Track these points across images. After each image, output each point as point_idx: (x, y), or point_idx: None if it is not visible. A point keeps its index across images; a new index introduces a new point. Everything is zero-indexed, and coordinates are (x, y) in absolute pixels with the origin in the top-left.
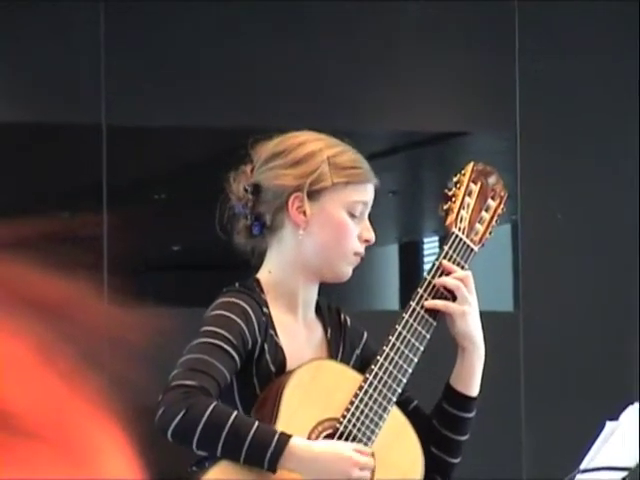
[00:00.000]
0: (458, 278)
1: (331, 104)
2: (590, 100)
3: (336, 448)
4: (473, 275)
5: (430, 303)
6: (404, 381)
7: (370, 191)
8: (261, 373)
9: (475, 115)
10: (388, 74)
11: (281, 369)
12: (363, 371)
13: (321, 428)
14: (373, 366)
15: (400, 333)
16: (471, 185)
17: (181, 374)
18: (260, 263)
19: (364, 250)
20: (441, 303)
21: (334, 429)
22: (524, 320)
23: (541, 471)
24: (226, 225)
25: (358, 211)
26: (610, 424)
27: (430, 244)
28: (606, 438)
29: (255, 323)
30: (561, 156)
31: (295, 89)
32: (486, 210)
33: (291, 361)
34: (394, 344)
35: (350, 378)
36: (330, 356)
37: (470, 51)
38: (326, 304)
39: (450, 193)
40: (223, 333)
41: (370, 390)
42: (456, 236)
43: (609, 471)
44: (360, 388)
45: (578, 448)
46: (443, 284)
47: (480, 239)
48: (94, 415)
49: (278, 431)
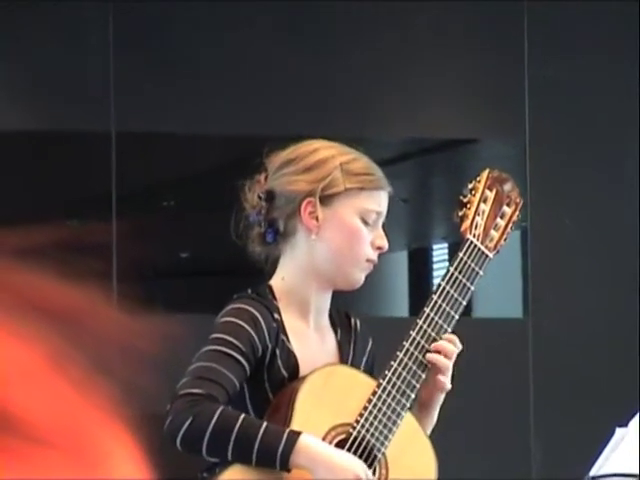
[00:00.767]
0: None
1: (342, 111)
2: (599, 107)
3: (350, 457)
4: (482, 281)
5: (431, 357)
6: (417, 387)
7: (384, 199)
8: (273, 379)
9: (485, 122)
10: (398, 82)
11: (294, 374)
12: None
13: (334, 433)
14: (387, 372)
15: (414, 339)
16: (486, 192)
17: (189, 383)
18: (273, 270)
19: (377, 258)
20: (437, 358)
21: (347, 434)
22: (533, 327)
23: (550, 478)
24: (241, 234)
25: (371, 219)
26: (619, 431)
27: (439, 251)
28: (615, 445)
29: (265, 329)
30: (570, 162)
31: (306, 97)
32: (501, 217)
33: (303, 366)
34: (408, 349)
35: (363, 383)
36: (341, 360)
37: (479, 58)
38: (335, 309)
39: (465, 200)
40: (232, 340)
41: (384, 396)
42: (471, 242)
43: (618, 478)
44: (374, 394)
45: (587, 455)
46: (435, 361)
47: (495, 245)
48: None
49: (288, 429)
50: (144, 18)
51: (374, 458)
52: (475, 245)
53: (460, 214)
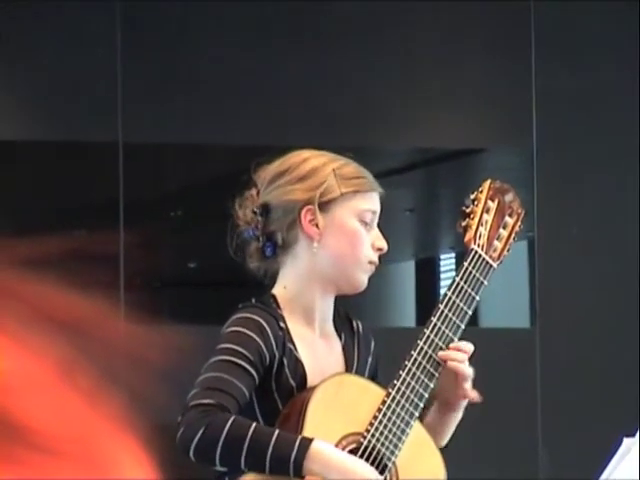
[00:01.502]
0: (463, 350)
1: (348, 121)
2: (606, 116)
3: (362, 463)
4: (490, 291)
5: (443, 354)
6: (426, 395)
7: (377, 200)
8: (282, 388)
9: (492, 132)
10: (405, 91)
11: (302, 383)
12: (372, 379)
13: (345, 442)
14: (396, 381)
15: (422, 348)
16: (489, 202)
17: (199, 394)
18: (273, 282)
19: (378, 259)
20: (453, 356)
21: (358, 444)
22: (541, 336)
23: None
24: (237, 251)
25: (368, 218)
26: (627, 440)
27: (446, 261)
28: (623, 454)
29: (272, 338)
30: (577, 172)
31: (312, 106)
32: (504, 227)
33: (311, 374)
34: (416, 359)
35: (373, 392)
36: (347, 365)
37: (486, 68)
38: (337, 313)
39: (468, 210)
40: (240, 350)
41: (393, 405)
42: (475, 252)
43: None
44: (383, 403)
45: (595, 464)
46: (446, 357)
47: (499, 256)
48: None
49: (300, 436)
50: (152, 30)
51: (385, 467)
52: (480, 255)
53: (463, 224)
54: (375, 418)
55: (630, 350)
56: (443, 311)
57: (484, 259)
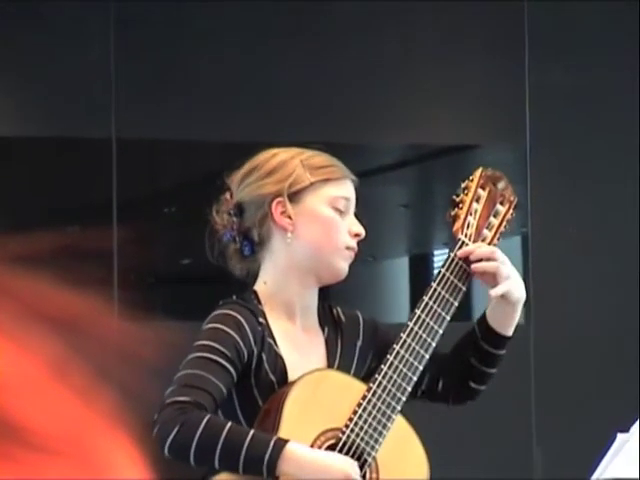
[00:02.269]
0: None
1: (343, 118)
2: (600, 112)
3: (338, 458)
4: (484, 287)
5: (477, 266)
6: (409, 389)
7: (350, 187)
8: (261, 384)
9: (486, 128)
10: (398, 88)
11: (282, 378)
12: (379, 358)
13: (324, 439)
14: (377, 375)
15: (405, 341)
16: (479, 191)
17: (176, 391)
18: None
19: (356, 245)
20: (491, 265)
21: (337, 439)
22: (535, 332)
23: None
24: (219, 256)
25: (342, 205)
26: (621, 436)
27: (440, 256)
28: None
29: (250, 334)
30: (571, 168)
31: (307, 103)
32: (494, 216)
33: (292, 369)
34: (398, 352)
35: (354, 388)
36: (328, 358)
37: (481, 65)
38: (321, 305)
39: (458, 199)
40: (217, 347)
41: (374, 399)
42: (462, 242)
43: None
44: (364, 397)
45: (589, 460)
46: (480, 255)
47: (488, 245)
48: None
49: (274, 437)
50: (146, 26)
51: (364, 462)
52: (467, 245)
53: (452, 214)
54: (355, 413)
55: (625, 346)
56: (428, 303)
57: None
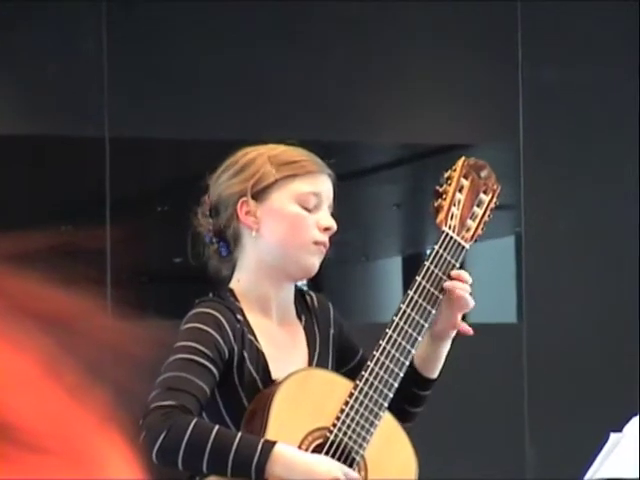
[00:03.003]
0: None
1: (335, 117)
2: (593, 111)
3: (326, 460)
4: (476, 286)
5: (449, 284)
6: (396, 385)
7: (322, 182)
8: (245, 381)
9: (478, 127)
10: (391, 87)
11: (265, 374)
12: (341, 349)
13: (311, 438)
14: (364, 372)
15: (391, 337)
16: (462, 180)
17: (159, 395)
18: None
19: (327, 239)
20: (459, 286)
21: (324, 438)
22: (528, 332)
23: None
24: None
25: (311, 203)
26: (614, 436)
27: None
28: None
29: (229, 331)
30: (564, 168)
31: (299, 102)
32: (478, 205)
33: (273, 364)
34: (384, 348)
35: (340, 386)
36: (309, 349)
37: (473, 63)
38: (295, 296)
39: (441, 190)
40: (197, 347)
41: (360, 397)
42: (446, 234)
43: None
44: (350, 395)
45: (582, 460)
46: (453, 288)
47: (472, 236)
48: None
49: (262, 439)
50: (138, 24)
51: (352, 460)
52: (451, 237)
53: (436, 205)
54: (342, 411)
55: (617, 346)
56: (413, 297)
57: (455, 241)
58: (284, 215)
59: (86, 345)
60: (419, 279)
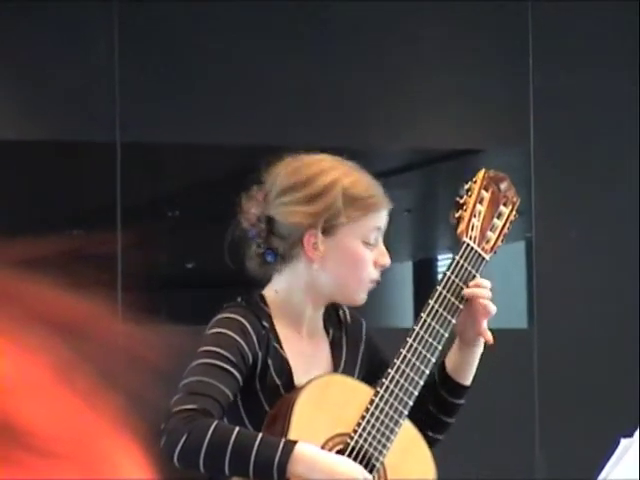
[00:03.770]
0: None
1: (346, 122)
2: (603, 117)
3: (348, 461)
4: None
5: (469, 292)
6: (415, 393)
7: (384, 216)
8: (267, 388)
9: (489, 132)
10: (403, 92)
11: (288, 381)
12: (370, 363)
13: (332, 444)
14: (384, 379)
15: (412, 345)
16: (482, 192)
17: (182, 399)
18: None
19: (379, 275)
20: (479, 292)
21: (345, 445)
22: (538, 337)
23: None
24: (237, 247)
25: (373, 238)
26: (624, 441)
27: (444, 261)
28: (620, 455)
29: (254, 337)
30: (575, 173)
31: (310, 107)
32: (498, 217)
33: (297, 373)
34: (405, 356)
35: (361, 392)
36: (334, 361)
37: (484, 69)
38: (325, 308)
39: (461, 201)
40: (221, 352)
41: (381, 404)
42: (467, 245)
43: None
44: (371, 402)
45: (592, 465)
46: (473, 294)
47: (492, 247)
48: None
49: (283, 439)
50: (150, 29)
51: (372, 467)
52: (472, 248)
53: (456, 216)
54: (363, 418)
55: (628, 351)
56: (433, 307)
57: (476, 251)
58: (350, 255)
59: (97, 350)
60: (440, 289)
